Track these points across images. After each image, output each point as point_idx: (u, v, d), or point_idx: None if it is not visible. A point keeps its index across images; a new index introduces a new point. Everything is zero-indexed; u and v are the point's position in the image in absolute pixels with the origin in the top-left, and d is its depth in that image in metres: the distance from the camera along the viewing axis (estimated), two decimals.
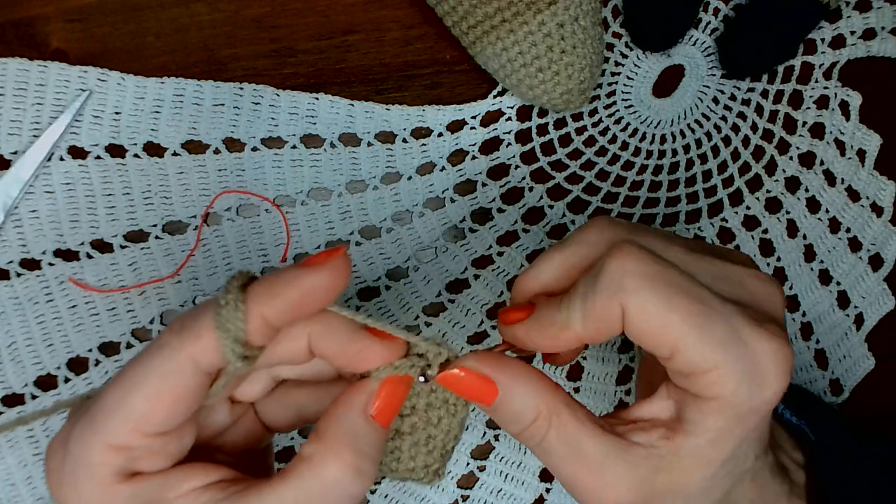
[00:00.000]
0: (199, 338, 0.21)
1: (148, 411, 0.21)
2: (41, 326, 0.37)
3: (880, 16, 0.41)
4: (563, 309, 0.24)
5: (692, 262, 0.24)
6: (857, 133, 0.41)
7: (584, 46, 0.36)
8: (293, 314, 0.22)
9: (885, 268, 0.41)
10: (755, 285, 0.24)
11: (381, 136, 0.39)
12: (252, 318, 0.21)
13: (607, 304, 0.22)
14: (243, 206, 0.38)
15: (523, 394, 0.24)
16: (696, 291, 0.22)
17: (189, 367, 0.21)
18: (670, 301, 0.22)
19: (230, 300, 0.21)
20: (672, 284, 0.22)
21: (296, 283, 0.21)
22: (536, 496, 0.40)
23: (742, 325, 0.22)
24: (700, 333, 0.22)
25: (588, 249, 0.25)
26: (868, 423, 0.42)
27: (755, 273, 0.24)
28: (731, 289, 0.23)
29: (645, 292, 0.22)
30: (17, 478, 0.36)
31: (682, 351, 0.22)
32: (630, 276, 0.22)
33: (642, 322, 0.22)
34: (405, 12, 0.39)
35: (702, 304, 0.22)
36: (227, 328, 0.21)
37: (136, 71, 0.37)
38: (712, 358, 0.22)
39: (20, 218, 0.36)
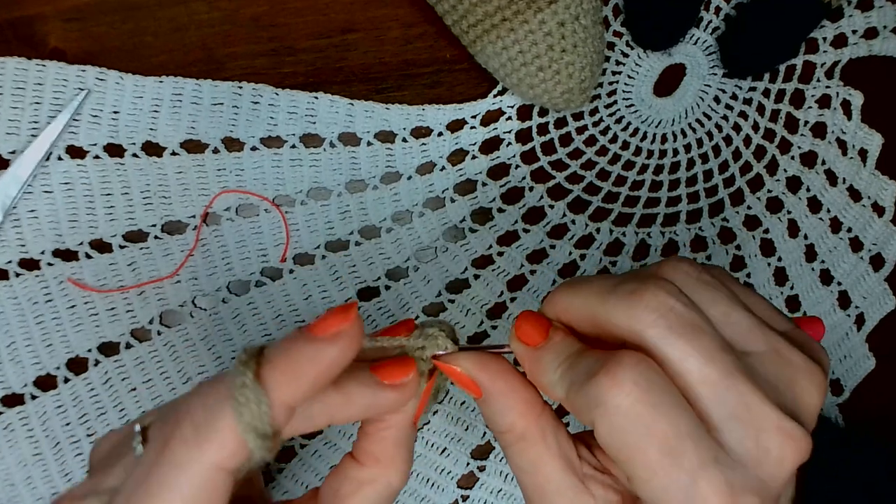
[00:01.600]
0: (223, 446, 0.20)
1: None
2: (40, 326, 0.36)
3: (882, 15, 0.41)
4: (557, 374, 0.23)
5: (718, 390, 0.21)
6: (858, 132, 0.41)
7: (584, 45, 0.36)
8: (314, 393, 0.21)
9: (886, 268, 0.41)
10: (773, 442, 0.21)
11: (380, 135, 0.39)
12: (277, 408, 0.20)
13: (584, 410, 0.22)
14: (242, 206, 0.38)
15: (502, 408, 0.24)
16: (675, 444, 0.20)
17: (220, 476, 0.20)
18: (638, 445, 0.20)
19: (251, 397, 0.19)
20: (650, 430, 0.20)
21: (314, 364, 0.20)
22: None
23: (710, 495, 0.20)
24: (655, 484, 0.20)
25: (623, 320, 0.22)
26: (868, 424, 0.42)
27: (784, 426, 0.21)
28: (739, 436, 0.21)
29: (615, 428, 0.21)
30: (16, 478, 0.36)
31: (635, 484, 0.21)
32: (609, 406, 0.21)
33: (605, 445, 0.21)
34: (405, 11, 0.39)
35: (674, 459, 0.20)
36: (255, 428, 0.19)
37: (134, 70, 0.37)
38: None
39: (19, 218, 0.36)
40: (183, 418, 0.20)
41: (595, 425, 0.21)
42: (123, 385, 0.37)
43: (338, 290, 0.39)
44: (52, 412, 0.37)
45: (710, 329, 0.22)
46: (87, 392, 0.37)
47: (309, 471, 0.39)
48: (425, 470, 0.39)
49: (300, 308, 0.39)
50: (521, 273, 0.40)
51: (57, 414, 0.37)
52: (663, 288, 0.22)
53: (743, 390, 0.21)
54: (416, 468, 0.39)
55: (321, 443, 0.39)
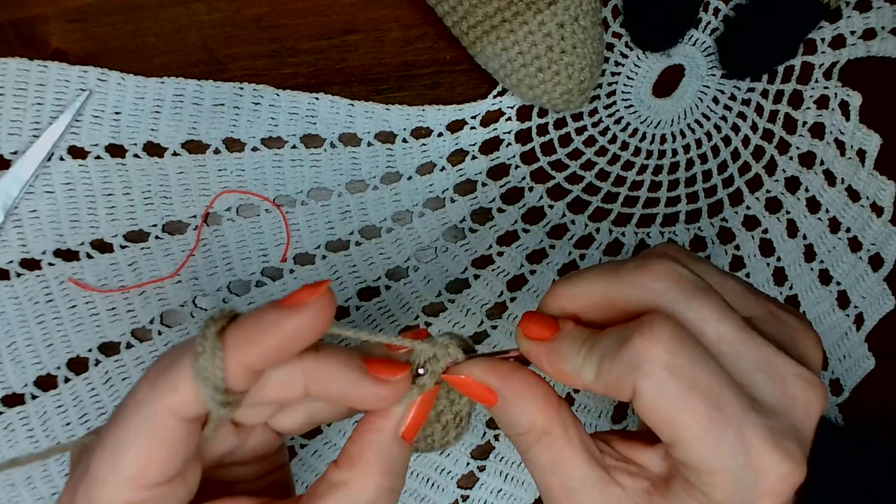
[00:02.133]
0: (175, 389, 0.20)
1: (142, 469, 0.21)
2: (41, 326, 0.37)
3: (880, 16, 0.41)
4: (581, 356, 0.23)
5: (738, 345, 0.22)
6: (857, 133, 0.41)
7: (584, 46, 0.36)
8: (274, 359, 0.21)
9: (885, 268, 0.41)
10: (797, 388, 0.22)
11: (381, 136, 0.39)
12: (231, 364, 0.20)
13: (622, 378, 0.21)
14: (243, 206, 0.38)
15: (520, 408, 0.24)
16: (717, 393, 0.21)
17: (171, 421, 0.21)
18: (685, 399, 0.21)
19: (207, 348, 0.20)
20: (693, 382, 0.21)
21: (276, 328, 0.20)
22: (536, 496, 0.40)
23: (756, 440, 0.21)
24: (706, 439, 0.21)
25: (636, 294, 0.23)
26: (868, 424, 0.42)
27: (803, 374, 0.22)
28: (768, 386, 0.22)
29: (661, 384, 0.21)
30: (16, 478, 0.36)
31: (683, 447, 0.21)
32: (652, 363, 0.21)
33: (651, 409, 0.21)
34: (405, 12, 0.39)
35: (719, 409, 0.21)
36: (205, 377, 0.20)
37: (136, 71, 0.37)
38: (712, 464, 0.21)
39: (20, 218, 0.36)
40: (150, 367, 0.21)
41: (637, 389, 0.21)
42: (124, 385, 0.37)
43: (338, 290, 0.39)
44: (53, 412, 0.37)
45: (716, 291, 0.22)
46: (87, 392, 0.37)
47: (309, 471, 0.39)
48: (425, 470, 0.39)
49: None
50: (521, 273, 0.40)
51: (57, 414, 0.37)
52: (668, 258, 0.23)
53: (759, 343, 0.22)
54: (416, 468, 0.39)
55: (321, 443, 0.39)
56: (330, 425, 0.39)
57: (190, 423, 0.21)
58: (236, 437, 0.25)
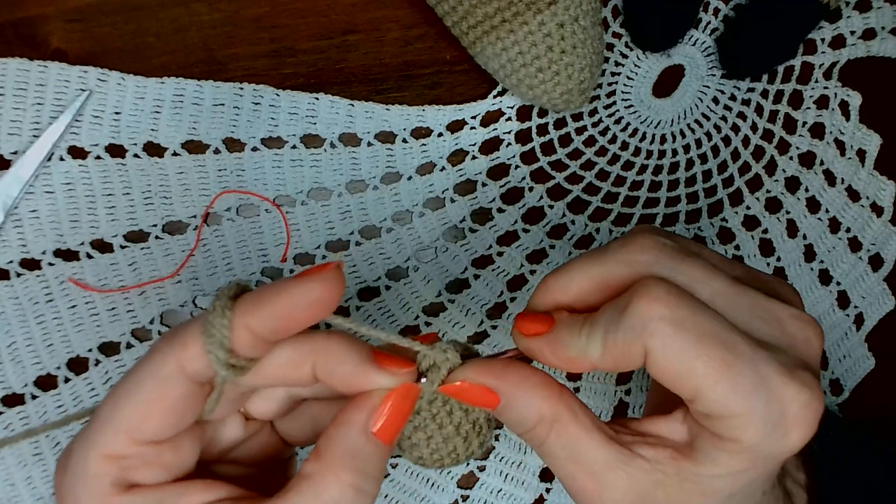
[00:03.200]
0: (185, 345, 0.21)
1: (139, 419, 0.21)
2: (41, 326, 0.37)
3: (880, 16, 0.41)
4: (583, 337, 0.23)
5: (731, 297, 0.23)
6: (857, 133, 0.41)
7: (584, 46, 0.36)
8: (280, 326, 0.21)
9: (885, 268, 0.41)
10: (795, 327, 0.23)
11: (381, 136, 0.39)
12: (237, 326, 0.21)
13: (630, 343, 0.22)
14: (243, 206, 0.38)
15: (525, 401, 0.24)
16: (725, 337, 0.21)
17: (177, 375, 0.21)
18: (696, 348, 0.21)
19: (218, 307, 0.21)
20: (700, 330, 0.21)
21: (283, 295, 0.21)
22: (536, 496, 0.40)
23: (772, 373, 0.21)
24: (725, 382, 0.21)
25: (625, 269, 0.23)
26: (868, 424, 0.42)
27: (797, 314, 0.23)
28: (768, 328, 0.23)
29: (670, 338, 0.21)
30: (16, 478, 0.36)
31: (705, 397, 0.21)
32: (656, 321, 0.21)
33: (665, 366, 0.21)
34: (405, 12, 0.39)
35: (730, 351, 0.21)
36: (211, 334, 0.21)
37: (136, 71, 0.37)
38: (736, 406, 0.21)
39: (20, 218, 0.36)
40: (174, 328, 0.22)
41: (648, 350, 0.21)
42: None
43: None
44: (53, 412, 0.37)
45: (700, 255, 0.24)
46: (87, 392, 0.37)
47: None
48: (425, 470, 0.39)
49: None
50: (521, 273, 0.40)
51: (57, 414, 0.37)
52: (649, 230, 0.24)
53: (751, 293, 0.23)
54: (415, 468, 0.39)
55: None
56: None
57: (193, 384, 0.22)
58: (243, 428, 0.26)
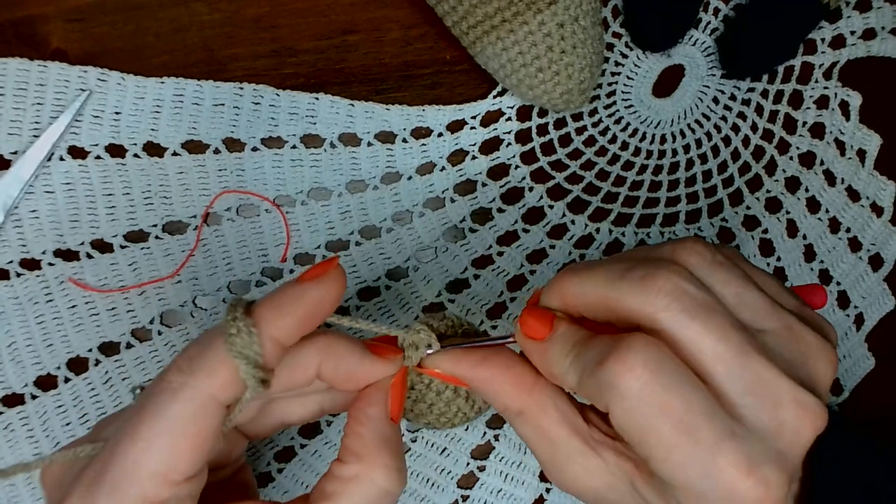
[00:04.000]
0: (214, 373, 0.21)
1: (176, 459, 0.21)
2: (41, 326, 0.37)
3: (880, 16, 0.41)
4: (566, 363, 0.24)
5: (736, 366, 0.21)
6: (857, 133, 0.41)
7: (584, 46, 0.36)
8: (301, 330, 0.22)
9: (885, 268, 0.41)
10: (790, 413, 0.22)
11: (381, 136, 0.39)
12: (266, 340, 0.21)
13: (597, 396, 0.22)
14: (243, 206, 0.38)
15: (491, 394, 0.26)
16: (688, 421, 0.21)
17: (211, 405, 0.21)
18: (653, 426, 0.21)
19: (241, 327, 0.21)
20: (663, 410, 0.21)
21: (302, 300, 0.22)
22: (536, 496, 0.40)
23: (728, 468, 0.21)
24: (672, 461, 0.21)
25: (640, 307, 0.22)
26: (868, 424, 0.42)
27: (799, 398, 0.22)
28: (756, 409, 0.21)
29: (629, 411, 0.21)
30: (16, 478, 0.36)
31: (651, 464, 0.22)
32: (622, 390, 0.21)
33: (621, 428, 0.22)
34: (405, 12, 0.39)
35: (689, 435, 0.21)
36: (245, 356, 0.21)
37: (135, 71, 0.37)
38: (680, 482, 0.21)
39: (20, 218, 0.36)
40: (179, 357, 0.22)
41: (609, 409, 0.22)
42: (124, 385, 0.37)
43: None
44: (53, 412, 0.37)
45: (723, 309, 0.22)
46: (87, 392, 0.37)
47: (309, 471, 0.39)
48: (425, 470, 0.39)
49: None
50: (521, 273, 0.40)
51: (57, 414, 0.37)
52: (676, 272, 0.22)
53: (757, 366, 0.21)
54: (416, 468, 0.39)
55: (321, 442, 0.39)
56: (330, 425, 0.39)
57: (223, 409, 0.22)
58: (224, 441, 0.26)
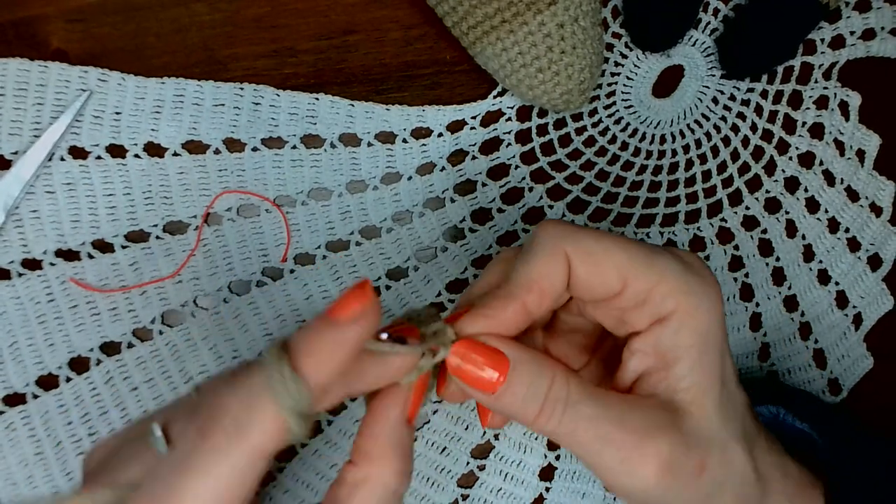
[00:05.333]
0: (265, 431, 0.21)
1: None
2: (42, 326, 0.37)
3: (880, 16, 0.41)
4: (503, 284, 0.25)
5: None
6: (856, 133, 0.41)
7: (583, 47, 0.36)
8: (342, 370, 0.22)
9: (884, 268, 0.41)
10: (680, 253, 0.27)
11: (381, 136, 0.39)
12: (312, 388, 0.21)
13: (550, 258, 0.24)
14: (244, 206, 0.38)
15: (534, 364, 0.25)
16: (620, 236, 0.25)
17: (261, 460, 0.21)
18: (608, 241, 0.24)
19: (287, 380, 0.21)
20: (605, 234, 0.25)
21: (342, 344, 0.21)
22: (536, 495, 0.40)
23: (675, 251, 0.26)
24: (638, 256, 0.24)
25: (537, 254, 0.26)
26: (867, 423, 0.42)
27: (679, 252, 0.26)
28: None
29: (584, 237, 0.24)
30: (18, 477, 0.36)
31: (631, 276, 0.24)
32: (566, 231, 0.25)
33: (587, 263, 0.24)
34: (405, 12, 0.39)
35: (628, 240, 0.25)
36: (292, 408, 0.21)
37: (136, 71, 0.37)
38: (656, 271, 0.24)
39: (21, 218, 0.36)
40: (218, 413, 0.21)
41: (569, 254, 0.24)
42: (125, 384, 0.37)
43: (338, 290, 0.39)
44: (54, 411, 0.37)
45: None
46: (88, 391, 0.37)
47: (310, 470, 0.39)
48: (425, 469, 0.40)
49: (301, 308, 0.39)
50: None
51: (59, 413, 0.37)
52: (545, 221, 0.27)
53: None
54: (416, 467, 0.39)
55: (322, 442, 0.39)
56: (330, 424, 0.39)
57: (271, 456, 0.21)
58: None
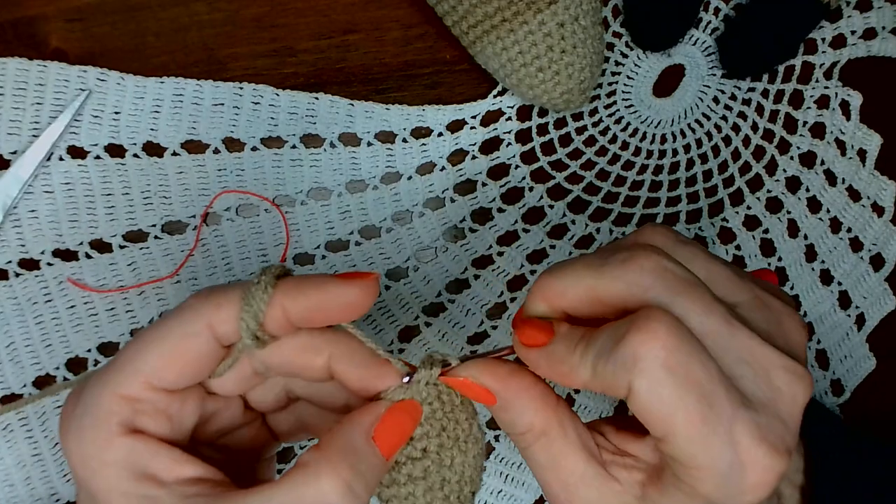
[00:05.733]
0: (220, 306, 0.23)
1: (161, 367, 0.22)
2: (40, 327, 0.36)
3: (881, 15, 0.41)
4: (577, 355, 0.23)
5: (724, 338, 0.22)
6: (857, 133, 0.41)
7: (584, 46, 0.36)
8: (312, 317, 0.23)
9: (887, 268, 0.41)
10: (783, 381, 0.22)
11: (381, 135, 0.39)
12: (274, 304, 0.23)
13: (618, 376, 0.21)
14: (243, 206, 0.38)
15: (519, 409, 0.24)
16: (710, 389, 0.21)
17: (205, 332, 0.23)
18: (681, 397, 0.21)
19: (263, 281, 0.23)
20: (689, 379, 0.21)
21: (323, 289, 0.23)
22: (536, 497, 0.40)
23: (744, 436, 0.21)
24: (697, 438, 0.21)
25: (622, 288, 0.22)
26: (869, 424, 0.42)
27: (787, 365, 0.22)
28: (753, 379, 0.22)
29: (657, 383, 0.21)
30: (15, 478, 0.36)
31: (674, 444, 0.21)
32: (649, 361, 0.21)
33: (645, 407, 0.21)
34: (405, 12, 0.39)
35: (712, 407, 0.21)
36: (249, 304, 0.23)
37: (135, 70, 0.37)
38: (700, 462, 0.21)
39: (19, 218, 0.36)
40: (208, 287, 0.24)
41: (633, 387, 0.21)
42: None
43: None
44: (52, 413, 0.37)
45: (702, 283, 0.23)
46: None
47: None
48: None
49: None
50: (521, 273, 0.40)
51: (56, 415, 0.37)
52: (653, 251, 0.23)
53: (743, 336, 0.22)
54: None
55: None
56: None
57: (216, 344, 0.23)
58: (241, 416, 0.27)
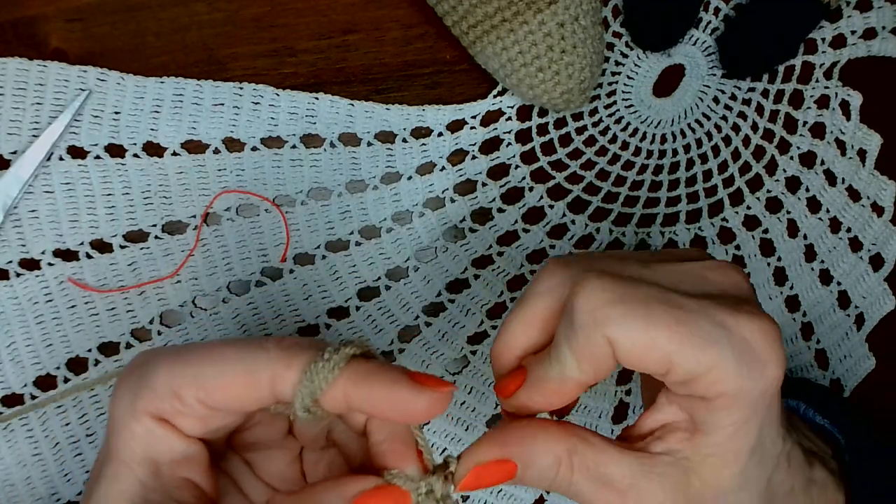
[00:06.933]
0: (288, 367, 0.22)
1: (217, 388, 0.22)
2: (40, 326, 0.36)
3: (881, 15, 0.41)
4: (553, 360, 0.23)
5: (650, 274, 0.24)
6: (857, 133, 0.41)
7: (584, 46, 0.36)
8: (371, 410, 0.22)
9: (886, 268, 0.41)
10: (717, 276, 0.24)
11: (381, 135, 0.39)
12: (335, 388, 0.21)
13: (592, 339, 0.22)
14: (243, 206, 0.38)
15: (538, 451, 0.24)
16: (669, 298, 0.22)
17: (266, 382, 0.22)
18: (649, 317, 0.22)
19: (333, 360, 0.22)
20: (644, 299, 0.22)
21: (391, 388, 0.21)
22: (537, 496, 0.40)
23: (723, 316, 0.22)
24: (688, 340, 0.21)
25: (549, 298, 0.24)
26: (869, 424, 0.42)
27: (712, 264, 0.25)
28: (695, 286, 0.23)
29: (622, 318, 0.22)
30: (15, 478, 0.36)
31: (676, 363, 0.22)
32: (602, 306, 0.22)
33: (631, 347, 0.22)
34: (405, 12, 0.39)
35: (679, 308, 0.22)
36: (311, 378, 0.21)
37: (135, 70, 0.37)
38: (706, 359, 0.22)
39: (19, 218, 0.36)
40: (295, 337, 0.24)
41: (611, 338, 0.22)
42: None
43: (338, 290, 0.39)
44: (52, 412, 0.37)
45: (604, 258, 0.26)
46: (87, 392, 0.37)
47: None
48: None
49: (300, 308, 0.39)
50: (521, 273, 0.40)
51: (56, 414, 0.37)
52: (550, 259, 0.26)
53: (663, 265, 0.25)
54: None
55: None
56: None
57: (272, 394, 0.22)
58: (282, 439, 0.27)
